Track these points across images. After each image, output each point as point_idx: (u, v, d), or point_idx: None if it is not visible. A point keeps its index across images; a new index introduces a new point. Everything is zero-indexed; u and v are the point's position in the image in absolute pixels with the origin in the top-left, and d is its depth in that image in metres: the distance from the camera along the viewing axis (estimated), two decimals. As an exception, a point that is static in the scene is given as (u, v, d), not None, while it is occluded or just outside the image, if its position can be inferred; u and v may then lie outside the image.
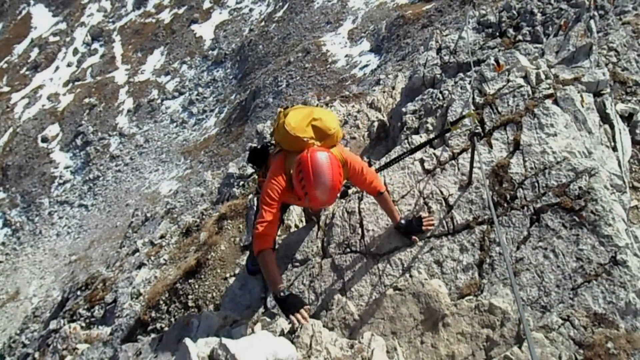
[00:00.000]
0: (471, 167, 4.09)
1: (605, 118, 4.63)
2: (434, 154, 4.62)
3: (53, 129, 42.45)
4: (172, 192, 30.23)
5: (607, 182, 3.71)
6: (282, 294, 3.34)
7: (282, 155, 3.57)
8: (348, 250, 4.32)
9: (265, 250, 3.42)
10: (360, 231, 4.36)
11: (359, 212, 4.49)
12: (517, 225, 3.71)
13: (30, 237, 35.62)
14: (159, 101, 42.08)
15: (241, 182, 9.82)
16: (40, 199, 37.76)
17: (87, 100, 43.49)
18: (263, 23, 41.28)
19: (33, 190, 38.42)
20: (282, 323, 3.81)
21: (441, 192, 4.27)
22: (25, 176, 39.61)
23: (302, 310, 3.27)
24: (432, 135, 5.01)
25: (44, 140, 41.65)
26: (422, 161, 4.64)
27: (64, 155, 40.61)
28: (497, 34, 6.77)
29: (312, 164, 3.07)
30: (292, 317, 3.24)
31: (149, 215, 18.60)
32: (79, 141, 40.67)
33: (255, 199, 4.62)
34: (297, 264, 4.63)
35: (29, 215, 37.08)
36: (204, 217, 8.60)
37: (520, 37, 6.51)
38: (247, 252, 5.51)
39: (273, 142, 4.04)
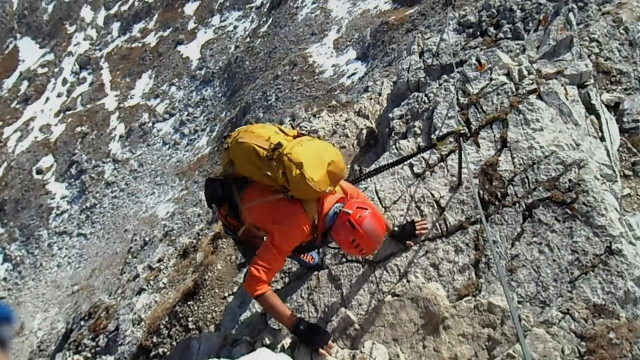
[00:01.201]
0: (460, 167, 4.09)
1: (590, 109, 4.63)
2: (423, 157, 4.61)
3: (47, 160, 42.42)
4: (169, 215, 30.18)
5: (597, 172, 3.71)
6: (301, 327, 3.34)
7: (298, 203, 3.26)
8: (344, 260, 4.31)
9: (267, 291, 3.32)
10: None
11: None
12: (510, 222, 3.70)
13: (32, 270, 35.46)
14: (150, 124, 42.10)
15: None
16: (39, 232, 37.63)
17: (79, 129, 43.51)
18: (248, 39, 41.42)
19: (31, 223, 38.30)
20: (283, 339, 3.78)
21: (432, 195, 4.27)
22: (22, 209, 39.51)
23: (330, 343, 3.34)
24: (419, 140, 5.01)
25: (39, 172, 41.59)
26: (411, 165, 4.63)
27: (59, 185, 40.55)
28: (478, 33, 6.80)
29: (368, 234, 3.09)
30: (322, 351, 3.26)
31: (147, 239, 18.55)
32: (73, 170, 40.63)
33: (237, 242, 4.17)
34: (294, 277, 4.61)
35: (29, 249, 36.93)
36: (200, 237, 8.57)
37: (501, 35, 6.54)
38: (244, 270, 5.48)
39: (228, 173, 3.63)
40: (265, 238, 3.52)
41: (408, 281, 3.80)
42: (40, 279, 34.44)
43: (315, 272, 4.39)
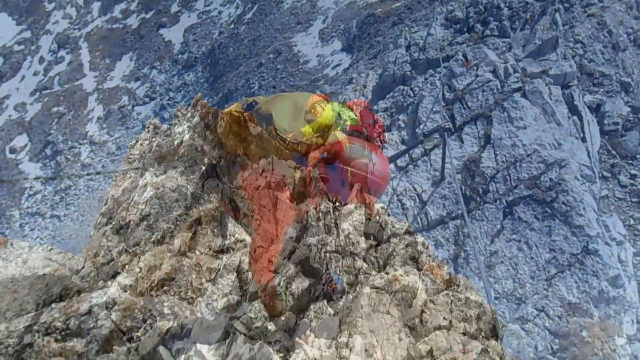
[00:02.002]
0: (443, 162, 4.10)
1: (573, 109, 4.69)
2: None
3: (21, 140, 41.55)
4: (146, 199, 29.84)
5: (577, 173, 3.75)
6: (281, 317, 3.54)
7: (279, 167, 3.05)
8: (324, 250, 4.29)
9: (269, 279, 3.50)
10: (335, 231, 4.33)
11: (333, 212, 4.47)
12: (491, 219, 3.73)
13: (2, 250, 34.80)
14: (129, 107, 41.51)
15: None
16: (10, 212, 36.91)
17: (55, 108, 42.68)
18: (233, 25, 41.03)
19: (2, 203, 37.54)
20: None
21: (414, 189, 4.28)
22: (-7, 189, 38.72)
23: (307, 333, 3.44)
24: (403, 134, 5.01)
25: (12, 151, 40.75)
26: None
27: (33, 165, 39.77)
28: (465, 29, 6.82)
29: (347, 157, 2.64)
30: (299, 340, 3.36)
31: (123, 223, 18.32)
32: (48, 151, 39.89)
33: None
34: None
35: (0, 229, 36.24)
36: (178, 222, 8.46)
37: (487, 32, 6.57)
38: (223, 257, 5.44)
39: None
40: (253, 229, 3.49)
41: (387, 273, 3.81)
42: (11, 259, 33.84)
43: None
